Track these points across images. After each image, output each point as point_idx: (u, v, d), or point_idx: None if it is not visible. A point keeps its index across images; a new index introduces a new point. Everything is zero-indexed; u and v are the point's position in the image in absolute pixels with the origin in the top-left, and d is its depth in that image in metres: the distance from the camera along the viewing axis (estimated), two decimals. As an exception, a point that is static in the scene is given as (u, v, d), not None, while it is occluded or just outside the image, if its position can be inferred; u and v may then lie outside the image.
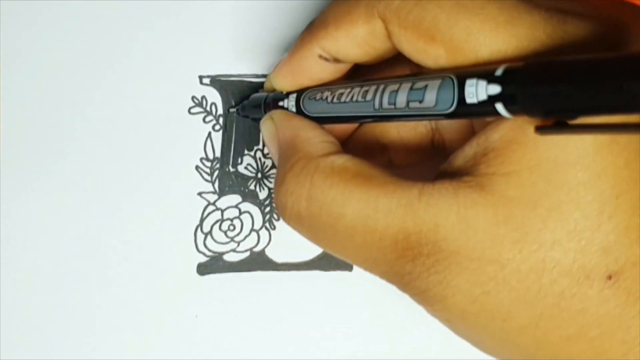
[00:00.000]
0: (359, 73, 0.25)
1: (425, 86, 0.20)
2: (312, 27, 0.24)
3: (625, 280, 0.18)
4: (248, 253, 0.29)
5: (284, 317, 0.29)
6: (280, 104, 0.26)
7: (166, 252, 0.29)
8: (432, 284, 0.20)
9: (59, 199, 0.29)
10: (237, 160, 0.30)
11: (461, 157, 0.20)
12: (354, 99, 0.23)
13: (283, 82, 0.25)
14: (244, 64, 0.30)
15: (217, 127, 0.30)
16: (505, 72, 0.18)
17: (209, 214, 0.29)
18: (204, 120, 0.29)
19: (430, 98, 0.20)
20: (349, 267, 0.29)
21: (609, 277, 0.18)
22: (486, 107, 0.18)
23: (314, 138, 0.23)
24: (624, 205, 0.18)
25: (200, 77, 0.30)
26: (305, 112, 0.25)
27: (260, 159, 0.30)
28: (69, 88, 0.29)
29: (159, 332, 0.28)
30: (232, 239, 0.29)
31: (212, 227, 0.29)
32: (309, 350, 0.28)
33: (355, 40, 0.22)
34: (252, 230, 0.29)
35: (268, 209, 0.29)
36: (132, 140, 0.29)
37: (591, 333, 0.19)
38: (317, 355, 0.28)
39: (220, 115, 0.30)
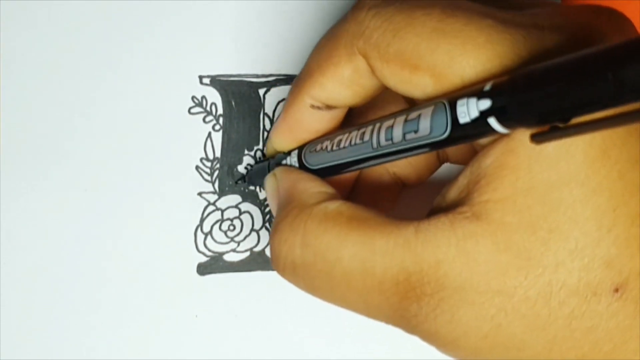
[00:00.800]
0: (355, 119, 0.25)
1: (419, 115, 0.20)
2: (299, 79, 0.24)
3: (632, 291, 0.18)
4: (248, 253, 0.29)
5: (284, 317, 0.29)
6: (284, 162, 0.26)
7: (166, 252, 0.29)
8: (441, 325, 0.19)
9: (59, 199, 0.29)
10: (237, 160, 0.30)
11: (455, 189, 0.20)
12: (353, 142, 0.23)
13: (283, 141, 0.25)
14: (244, 64, 0.30)
15: (217, 127, 0.30)
16: (493, 86, 0.18)
17: (209, 214, 0.29)
18: (204, 120, 0.30)
19: (424, 126, 0.19)
20: (349, 267, 0.29)
21: (616, 290, 0.18)
22: (480, 126, 0.18)
23: (311, 189, 0.23)
24: (621, 217, 0.18)
25: (200, 77, 0.30)
26: (308, 166, 0.25)
27: (260, 159, 0.30)
28: (68, 88, 0.29)
29: (159, 332, 0.28)
30: (232, 239, 0.29)
31: (212, 227, 0.29)
32: (309, 350, 0.28)
33: (342, 81, 0.22)
34: (252, 230, 0.29)
35: (268, 209, 0.29)
36: (132, 140, 0.29)
37: (605, 348, 0.19)
38: (317, 355, 0.28)
39: (220, 115, 0.30)
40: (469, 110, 0.18)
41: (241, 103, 0.30)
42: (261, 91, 0.30)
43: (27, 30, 0.30)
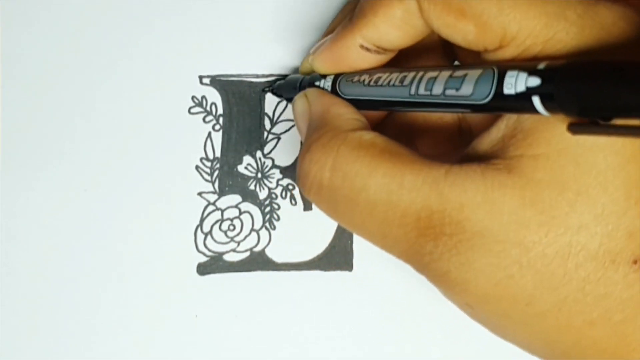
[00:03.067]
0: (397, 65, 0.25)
1: (465, 75, 0.20)
2: (352, 18, 0.24)
3: None
4: (248, 253, 0.29)
5: (284, 317, 0.29)
6: (317, 84, 0.26)
7: (166, 252, 0.29)
8: (454, 266, 0.20)
9: (59, 198, 0.29)
10: (237, 160, 0.30)
11: (487, 140, 0.21)
12: (391, 83, 0.23)
13: (323, 67, 0.25)
14: (244, 64, 0.30)
15: (217, 127, 0.30)
16: (546, 67, 0.18)
17: (209, 214, 0.29)
18: (204, 120, 0.30)
19: (468, 86, 0.20)
20: (349, 267, 0.29)
21: (634, 262, 0.18)
22: (522, 102, 0.18)
23: (345, 115, 0.23)
24: None
25: (200, 77, 0.30)
26: (340, 94, 0.25)
27: (260, 159, 0.30)
28: (69, 88, 0.29)
29: (159, 332, 0.28)
30: (232, 239, 0.29)
31: (212, 227, 0.29)
32: (309, 350, 0.28)
33: (394, 22, 0.22)
34: (252, 230, 0.29)
35: (268, 209, 0.29)
36: (132, 140, 0.29)
37: (615, 318, 0.19)
38: (317, 355, 0.28)
39: (220, 115, 0.30)
40: (516, 83, 0.18)
41: (241, 103, 0.30)
42: (261, 91, 0.30)
43: (27, 30, 0.30)
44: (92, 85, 0.29)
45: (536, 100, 0.18)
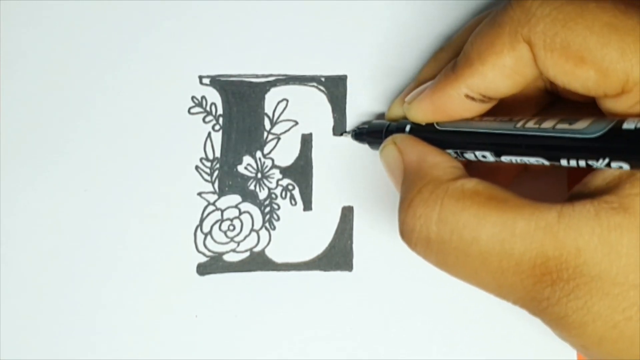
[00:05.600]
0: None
1: (577, 120, 0.20)
2: (456, 67, 0.23)
3: None
4: (248, 253, 0.29)
5: (284, 317, 0.29)
6: (406, 130, 0.25)
7: (166, 252, 0.29)
8: (572, 310, 0.19)
9: (59, 198, 0.29)
10: (237, 160, 0.30)
11: (601, 177, 0.20)
12: (494, 119, 0.22)
13: (420, 115, 0.25)
14: (244, 64, 0.30)
15: (217, 127, 0.30)
16: None
17: (208, 214, 0.29)
18: (204, 120, 0.30)
19: (583, 122, 0.19)
20: (349, 267, 0.29)
21: None
22: (636, 144, 0.18)
23: (442, 163, 0.23)
24: None
25: (200, 77, 0.30)
26: (436, 125, 0.24)
27: (260, 159, 0.30)
28: (69, 88, 0.29)
29: (159, 332, 0.28)
30: (232, 239, 0.29)
31: (212, 227, 0.29)
32: (309, 350, 0.28)
33: (503, 71, 0.22)
34: (252, 230, 0.29)
35: (268, 209, 0.29)
36: (132, 140, 0.29)
37: None
38: (317, 355, 0.28)
39: (220, 115, 0.30)
40: (637, 124, 0.18)
41: (241, 103, 0.30)
42: (261, 91, 0.30)
43: (28, 30, 0.30)
44: (92, 85, 0.29)
45: None
